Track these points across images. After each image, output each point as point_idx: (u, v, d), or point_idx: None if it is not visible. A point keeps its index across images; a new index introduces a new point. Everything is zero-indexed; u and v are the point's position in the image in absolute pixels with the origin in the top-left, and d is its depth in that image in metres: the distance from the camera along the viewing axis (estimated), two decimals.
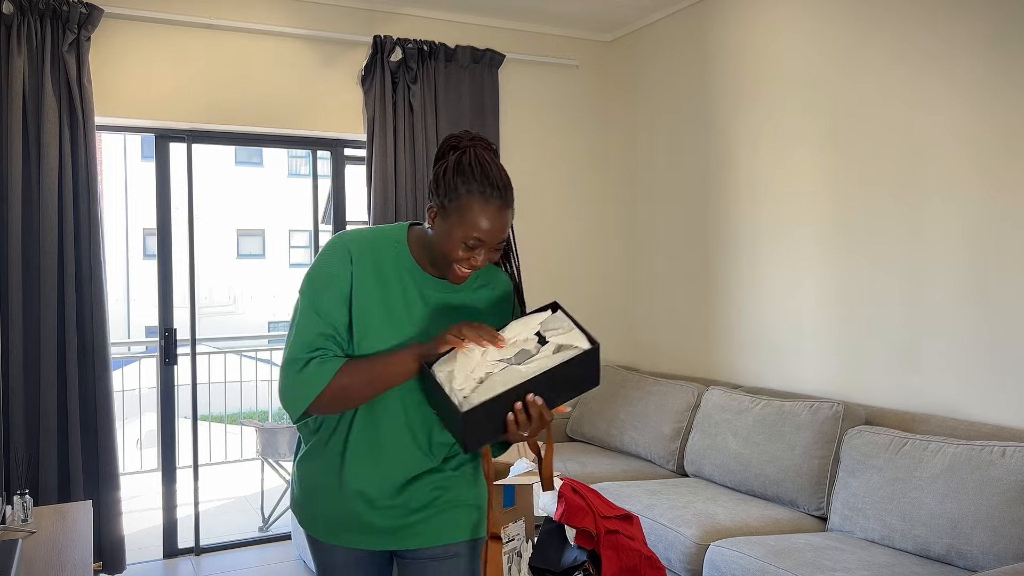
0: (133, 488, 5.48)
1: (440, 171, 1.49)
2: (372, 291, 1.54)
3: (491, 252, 1.51)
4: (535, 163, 4.70)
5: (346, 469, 1.59)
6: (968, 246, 2.92)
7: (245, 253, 20.05)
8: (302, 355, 1.51)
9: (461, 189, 1.45)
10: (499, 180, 1.47)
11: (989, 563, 2.46)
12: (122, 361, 7.11)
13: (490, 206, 1.45)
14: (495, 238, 1.47)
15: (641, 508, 3.21)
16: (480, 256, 1.49)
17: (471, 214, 1.45)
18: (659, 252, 4.50)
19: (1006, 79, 2.79)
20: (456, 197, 1.45)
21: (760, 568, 2.62)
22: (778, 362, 3.73)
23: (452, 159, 1.49)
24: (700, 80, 4.18)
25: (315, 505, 1.64)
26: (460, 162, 1.47)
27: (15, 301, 3.41)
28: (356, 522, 1.61)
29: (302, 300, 1.55)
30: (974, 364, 2.91)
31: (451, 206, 1.46)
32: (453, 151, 1.51)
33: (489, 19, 4.51)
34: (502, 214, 1.46)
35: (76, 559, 2.19)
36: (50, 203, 3.46)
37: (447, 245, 1.48)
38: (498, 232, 1.47)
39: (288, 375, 1.52)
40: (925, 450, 2.77)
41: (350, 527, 1.62)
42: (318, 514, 1.64)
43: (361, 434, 1.58)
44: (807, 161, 3.57)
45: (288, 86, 4.07)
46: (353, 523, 1.61)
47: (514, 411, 1.43)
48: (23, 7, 3.42)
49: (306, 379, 1.49)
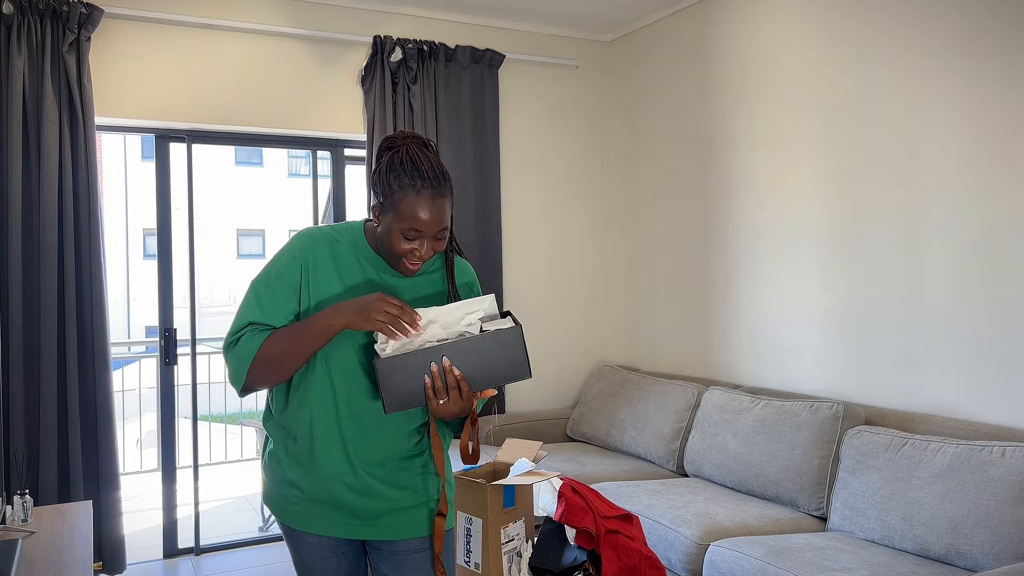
0: (133, 488, 5.48)
1: (376, 172, 1.57)
2: (330, 277, 1.63)
3: (435, 241, 1.57)
4: (535, 162, 4.70)
5: (317, 456, 1.64)
6: (968, 246, 2.92)
7: (245, 253, 20.06)
8: (232, 337, 1.62)
9: (394, 185, 1.53)
10: (430, 172, 1.53)
11: (989, 563, 2.46)
12: (122, 361, 7.11)
13: (422, 197, 1.51)
14: (433, 227, 1.53)
15: (641, 508, 3.21)
16: (424, 247, 1.56)
17: (405, 207, 1.52)
18: (659, 252, 4.50)
19: (1005, 78, 2.79)
20: (391, 193, 1.53)
21: (760, 568, 2.62)
22: (778, 362, 3.74)
23: (385, 159, 1.56)
24: (700, 80, 4.18)
25: (288, 493, 1.68)
26: (392, 161, 1.54)
27: (15, 301, 3.41)
28: (329, 509, 1.67)
29: (248, 292, 1.65)
30: (974, 364, 2.91)
31: (388, 202, 1.54)
32: (388, 151, 1.58)
33: (489, 19, 4.51)
34: (436, 203, 1.52)
35: (76, 559, 2.19)
36: (50, 203, 3.46)
37: (390, 239, 1.55)
38: (435, 221, 1.53)
39: (226, 355, 1.63)
40: (925, 450, 2.77)
41: (323, 515, 1.67)
42: (291, 503, 1.69)
43: (327, 420, 1.63)
44: (807, 161, 3.57)
45: (288, 86, 4.07)
46: (326, 511, 1.67)
47: (432, 374, 1.51)
48: (23, 7, 3.42)
49: (239, 353, 1.59)
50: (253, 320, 1.61)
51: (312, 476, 1.64)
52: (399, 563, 1.69)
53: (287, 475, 1.68)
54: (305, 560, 1.72)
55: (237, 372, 1.60)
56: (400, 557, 1.69)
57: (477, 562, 2.28)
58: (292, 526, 1.70)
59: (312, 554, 1.71)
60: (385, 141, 1.60)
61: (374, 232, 1.66)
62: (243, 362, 1.58)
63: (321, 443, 1.63)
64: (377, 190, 1.57)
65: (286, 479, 1.68)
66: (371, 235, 1.67)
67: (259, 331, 1.60)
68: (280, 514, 1.71)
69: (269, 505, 1.74)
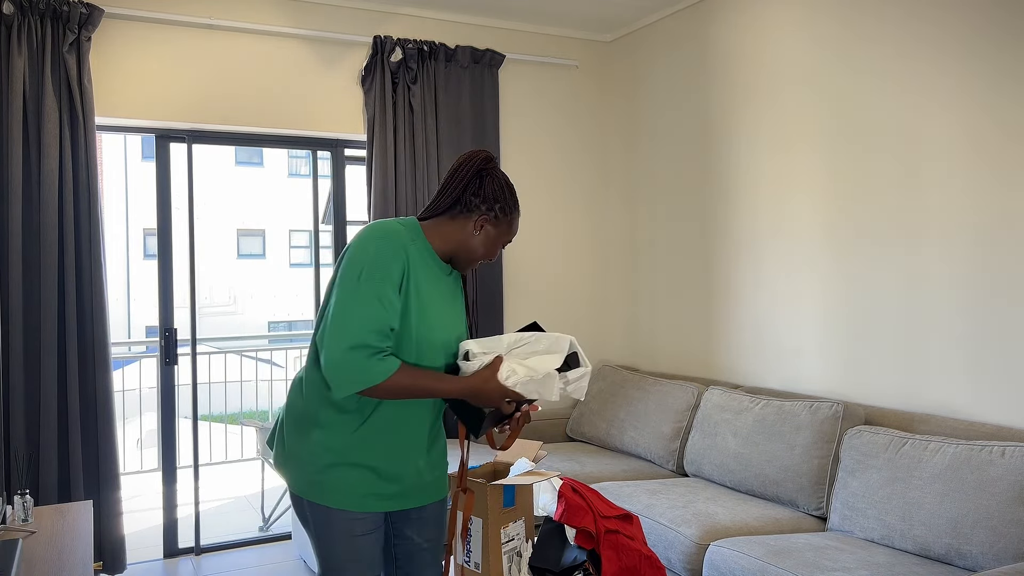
0: (133, 488, 5.48)
1: (495, 190, 1.85)
2: (419, 276, 1.80)
3: None
4: (535, 162, 4.70)
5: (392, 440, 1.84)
6: (968, 246, 2.92)
7: (245, 253, 20.05)
8: (373, 343, 1.70)
9: (510, 203, 1.87)
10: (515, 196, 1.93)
11: (989, 563, 2.46)
12: (122, 361, 7.10)
13: (517, 217, 1.92)
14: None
15: (641, 508, 3.21)
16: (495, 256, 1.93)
17: (513, 224, 1.90)
18: (659, 252, 4.50)
19: (1006, 79, 2.79)
20: (508, 211, 1.87)
21: (760, 568, 2.62)
22: (778, 362, 3.74)
23: (500, 178, 1.87)
24: (700, 80, 4.18)
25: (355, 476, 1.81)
26: (496, 181, 1.86)
27: (15, 301, 3.42)
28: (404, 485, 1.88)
29: (361, 286, 1.71)
30: (974, 364, 2.91)
31: (503, 218, 1.87)
32: (488, 170, 1.86)
33: (489, 19, 4.51)
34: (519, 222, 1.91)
35: (76, 559, 2.19)
36: (50, 203, 3.46)
37: (491, 247, 1.88)
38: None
39: (355, 357, 1.68)
40: (925, 450, 2.77)
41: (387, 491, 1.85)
42: (356, 485, 1.81)
43: (394, 409, 1.83)
44: (807, 160, 3.57)
45: (288, 86, 4.08)
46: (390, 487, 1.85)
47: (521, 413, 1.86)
48: (23, 7, 3.42)
49: (372, 368, 1.69)
50: (387, 322, 1.72)
51: (392, 457, 1.84)
52: (422, 523, 1.97)
53: (355, 458, 1.80)
54: (356, 541, 1.83)
55: (360, 381, 1.68)
56: (424, 519, 1.98)
57: (477, 562, 2.29)
58: (353, 509, 1.81)
59: (364, 531, 1.83)
60: (478, 158, 1.84)
61: (436, 234, 1.88)
62: (373, 378, 1.69)
63: (409, 426, 1.85)
64: (497, 206, 1.85)
65: (353, 462, 1.80)
66: (432, 237, 1.87)
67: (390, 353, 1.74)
68: (338, 498, 1.79)
69: (317, 493, 1.80)
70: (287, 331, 19.94)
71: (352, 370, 1.67)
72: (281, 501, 4.67)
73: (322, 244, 15.76)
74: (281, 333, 14.93)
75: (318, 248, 4.31)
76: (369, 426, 1.81)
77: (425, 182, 4.24)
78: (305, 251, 20.57)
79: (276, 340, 13.95)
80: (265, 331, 19.57)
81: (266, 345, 8.67)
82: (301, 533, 3.88)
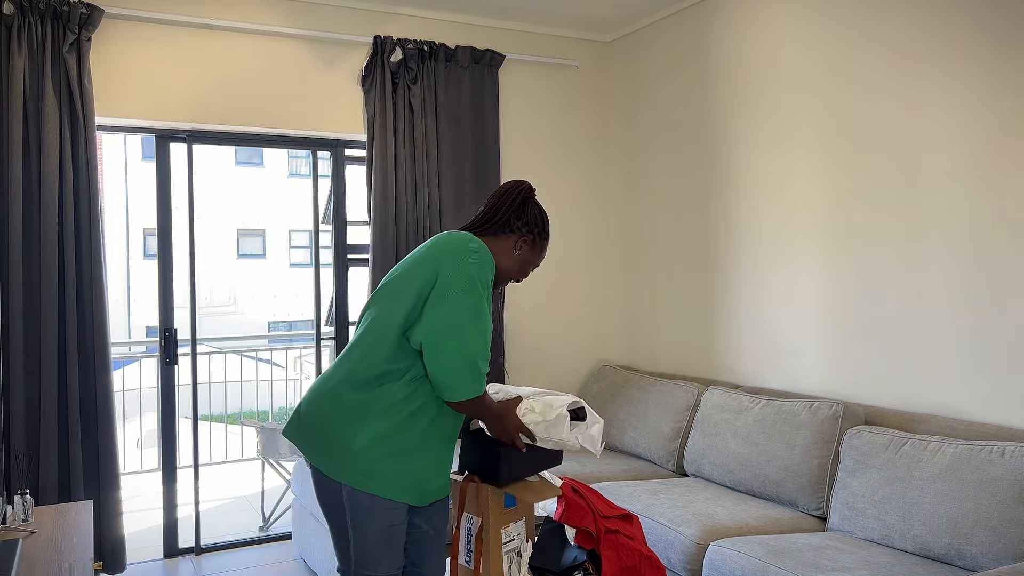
0: (133, 488, 5.48)
1: (536, 216, 2.15)
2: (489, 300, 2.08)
3: None
4: (535, 163, 4.70)
5: (453, 437, 2.13)
6: (967, 246, 2.92)
7: (245, 253, 20.05)
8: (487, 356, 1.98)
9: (547, 231, 2.17)
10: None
11: (989, 563, 2.46)
12: (122, 361, 7.11)
13: (547, 246, 2.31)
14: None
15: (641, 508, 3.21)
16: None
17: (544, 250, 2.20)
18: (658, 252, 4.50)
19: (1006, 80, 2.79)
20: (545, 237, 2.17)
21: (760, 568, 2.62)
22: (778, 362, 3.74)
23: (541, 208, 2.16)
24: (700, 80, 4.18)
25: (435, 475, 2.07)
26: (544, 213, 2.17)
27: (15, 301, 3.42)
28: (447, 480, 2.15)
29: (479, 302, 1.97)
30: (974, 364, 2.91)
31: (540, 243, 2.16)
32: (531, 199, 2.14)
33: (489, 19, 4.51)
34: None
35: (76, 559, 2.19)
36: (50, 203, 3.46)
37: (527, 267, 2.17)
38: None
39: (479, 368, 1.96)
40: (925, 450, 2.77)
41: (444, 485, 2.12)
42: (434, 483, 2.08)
43: (447, 415, 2.10)
44: (807, 161, 3.57)
45: (288, 86, 4.07)
46: (447, 481, 2.13)
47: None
48: (23, 7, 3.42)
49: (483, 380, 1.99)
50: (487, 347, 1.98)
51: (449, 454, 2.10)
52: (431, 512, 2.18)
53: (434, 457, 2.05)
54: (396, 529, 2.05)
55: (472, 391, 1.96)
56: (433, 507, 2.18)
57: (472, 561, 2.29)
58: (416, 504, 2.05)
59: (404, 521, 2.08)
60: (519, 189, 2.12)
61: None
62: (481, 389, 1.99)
63: (454, 427, 2.10)
64: (536, 230, 2.14)
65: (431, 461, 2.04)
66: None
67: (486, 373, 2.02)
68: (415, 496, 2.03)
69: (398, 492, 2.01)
70: (287, 331, 19.95)
71: (474, 379, 1.94)
72: (281, 501, 4.67)
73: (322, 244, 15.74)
74: (281, 333, 14.93)
75: (318, 248, 4.30)
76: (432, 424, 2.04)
77: (425, 182, 4.24)
78: (305, 251, 20.56)
79: (276, 340, 13.96)
80: (265, 331, 19.56)
81: (266, 345, 8.67)
82: (301, 533, 3.87)
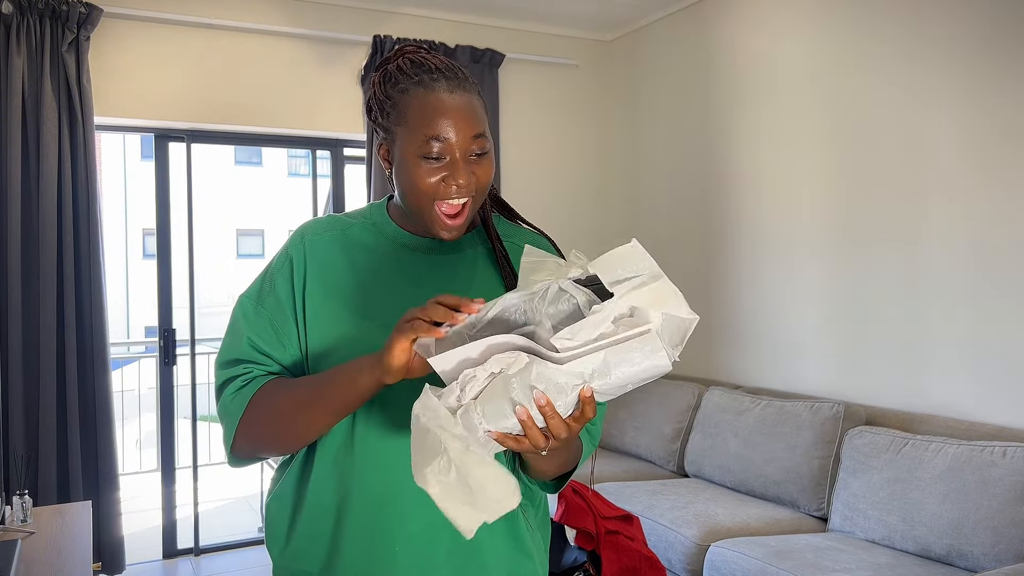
0: (133, 488, 5.47)
1: (370, 96, 1.16)
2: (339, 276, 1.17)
3: (472, 163, 1.10)
4: (535, 162, 4.69)
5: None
6: (969, 246, 2.92)
7: (245, 253, 20.05)
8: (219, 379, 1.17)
9: (393, 94, 1.11)
10: (439, 64, 1.11)
11: (990, 564, 2.46)
12: (121, 361, 7.10)
13: (434, 93, 1.07)
14: (460, 131, 1.07)
15: (641, 508, 3.21)
16: (457, 170, 1.08)
17: (414, 111, 1.08)
18: (659, 252, 4.49)
19: (1006, 80, 2.78)
20: (393, 106, 1.10)
21: (760, 568, 2.61)
22: (778, 362, 3.73)
23: (377, 76, 1.15)
24: (700, 80, 4.17)
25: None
26: (386, 71, 1.14)
27: (14, 301, 3.41)
28: None
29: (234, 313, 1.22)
30: (975, 364, 2.91)
31: (392, 120, 1.10)
32: (379, 69, 1.16)
33: (489, 19, 4.50)
34: (456, 96, 1.08)
35: (76, 559, 2.19)
36: (49, 203, 3.46)
37: (412, 178, 1.08)
38: (462, 121, 1.07)
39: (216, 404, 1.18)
40: (926, 450, 2.76)
41: None
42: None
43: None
44: (807, 160, 3.56)
45: (288, 86, 4.07)
46: None
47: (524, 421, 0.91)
48: (23, 7, 3.41)
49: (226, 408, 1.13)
50: (240, 357, 1.15)
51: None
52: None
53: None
54: None
55: (225, 431, 1.13)
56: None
57: None
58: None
59: None
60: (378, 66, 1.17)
61: (400, 209, 1.21)
62: (231, 419, 1.12)
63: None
64: (376, 114, 1.14)
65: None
66: (396, 211, 1.22)
67: (253, 377, 1.14)
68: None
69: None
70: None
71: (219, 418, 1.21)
72: None
73: None
74: None
75: None
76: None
77: None
78: None
79: None
80: None
81: None
82: None
